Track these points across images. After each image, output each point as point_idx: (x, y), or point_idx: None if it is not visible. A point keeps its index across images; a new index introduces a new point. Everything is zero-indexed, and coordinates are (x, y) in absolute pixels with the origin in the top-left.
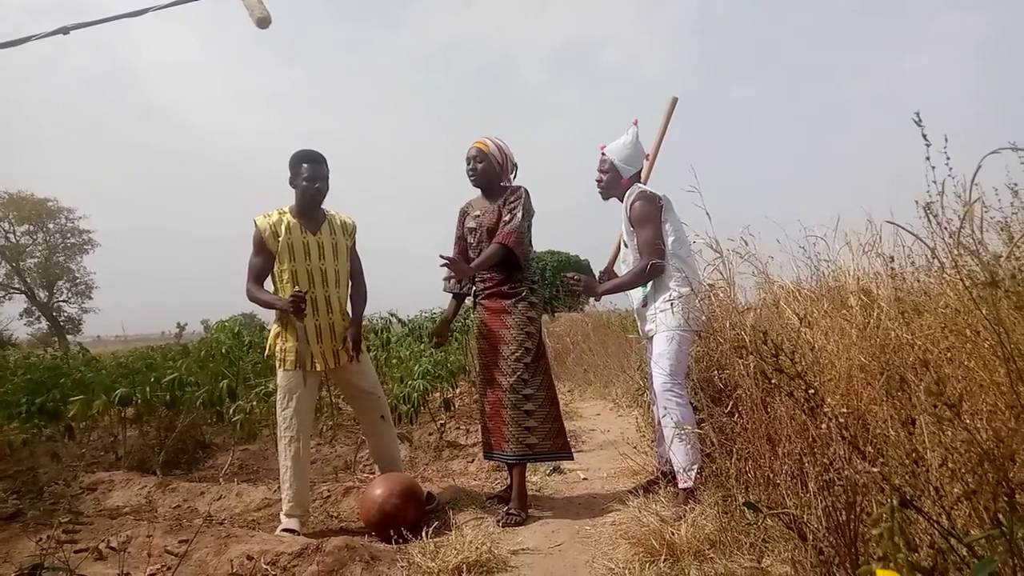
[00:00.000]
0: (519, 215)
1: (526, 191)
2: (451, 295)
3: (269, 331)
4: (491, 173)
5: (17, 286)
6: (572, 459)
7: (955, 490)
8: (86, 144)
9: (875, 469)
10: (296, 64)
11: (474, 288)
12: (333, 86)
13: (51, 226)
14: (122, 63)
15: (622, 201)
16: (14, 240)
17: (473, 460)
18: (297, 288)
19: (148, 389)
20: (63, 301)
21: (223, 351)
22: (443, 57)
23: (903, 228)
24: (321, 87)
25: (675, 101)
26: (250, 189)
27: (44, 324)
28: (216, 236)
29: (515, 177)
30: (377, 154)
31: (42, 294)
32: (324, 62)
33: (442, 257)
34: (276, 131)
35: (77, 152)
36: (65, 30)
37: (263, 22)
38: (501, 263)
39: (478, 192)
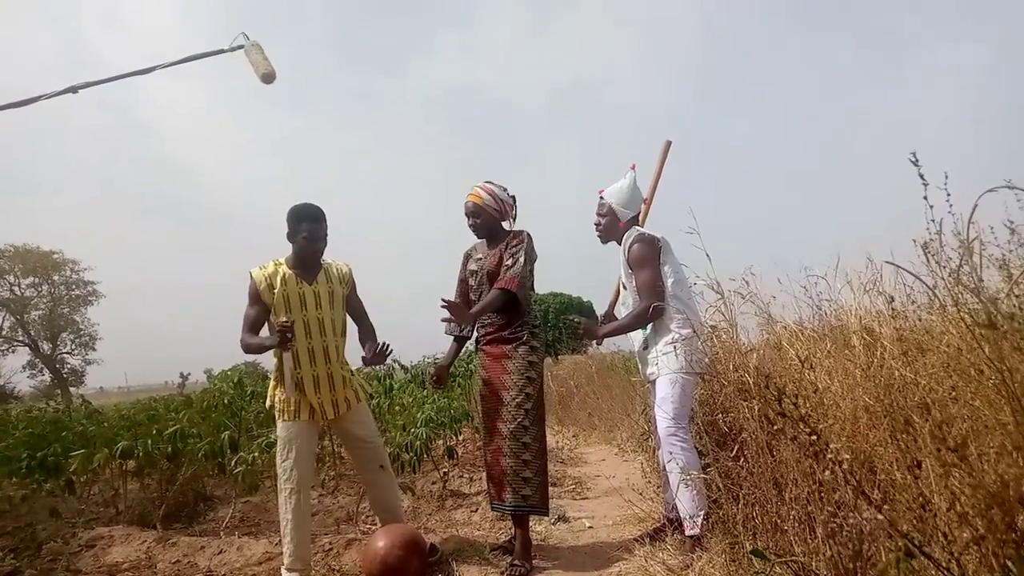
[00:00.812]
0: (521, 259)
1: (528, 235)
2: (452, 337)
3: (270, 382)
4: (490, 222)
5: (21, 338)
6: (547, 515)
7: (964, 535)
8: (93, 197)
9: (881, 516)
10: (298, 113)
11: (475, 333)
12: (335, 133)
13: (56, 278)
14: (129, 116)
15: (620, 244)
16: (19, 292)
17: (477, 509)
18: (283, 319)
19: (150, 441)
20: (66, 353)
21: (225, 401)
22: (445, 102)
23: (902, 268)
24: (323, 134)
25: (668, 145)
26: (252, 239)
27: (47, 376)
28: (218, 286)
29: (516, 215)
30: (377, 199)
31: (46, 346)
32: (326, 110)
33: (443, 301)
34: (278, 178)
35: (84, 205)
36: (74, 89)
37: (268, 77)
38: (502, 307)
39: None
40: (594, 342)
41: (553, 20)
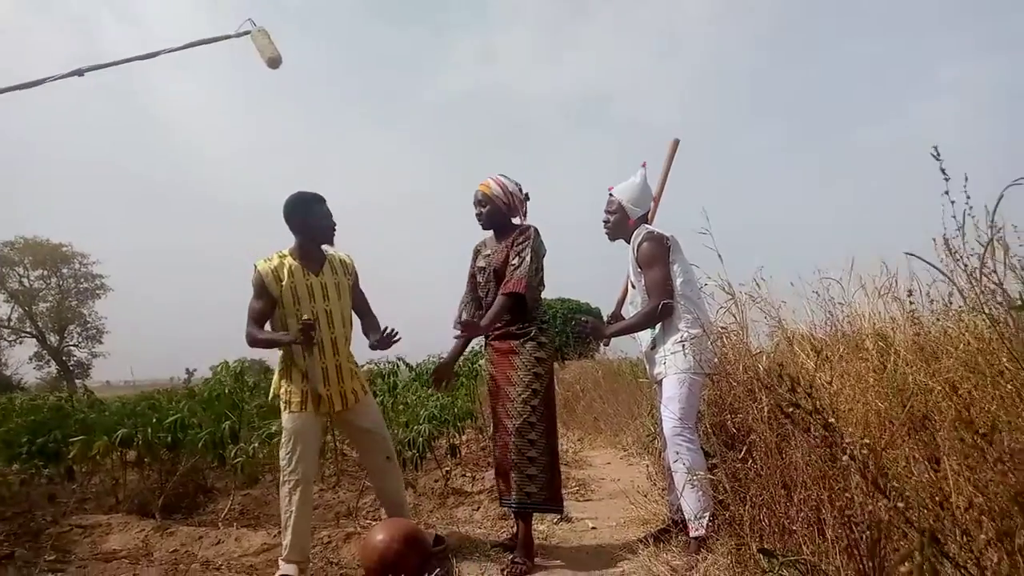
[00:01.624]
0: (527, 258)
1: (535, 230)
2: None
3: (274, 373)
4: (497, 215)
5: (28, 330)
6: (561, 513)
7: (982, 536)
8: (104, 189)
9: (900, 504)
10: (314, 112)
11: None
12: (350, 135)
13: (65, 271)
14: (139, 107)
15: (629, 242)
16: (28, 284)
17: (478, 508)
18: (306, 317)
19: (150, 430)
20: (73, 345)
21: (226, 391)
22: (459, 108)
23: (923, 260)
24: (338, 135)
25: (676, 143)
26: (264, 234)
27: (54, 368)
28: (230, 281)
29: (526, 211)
30: (391, 199)
31: (53, 338)
32: (340, 111)
33: (457, 323)
34: (291, 176)
35: (94, 196)
36: (80, 72)
37: (273, 62)
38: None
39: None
40: (601, 344)
41: (567, 34)
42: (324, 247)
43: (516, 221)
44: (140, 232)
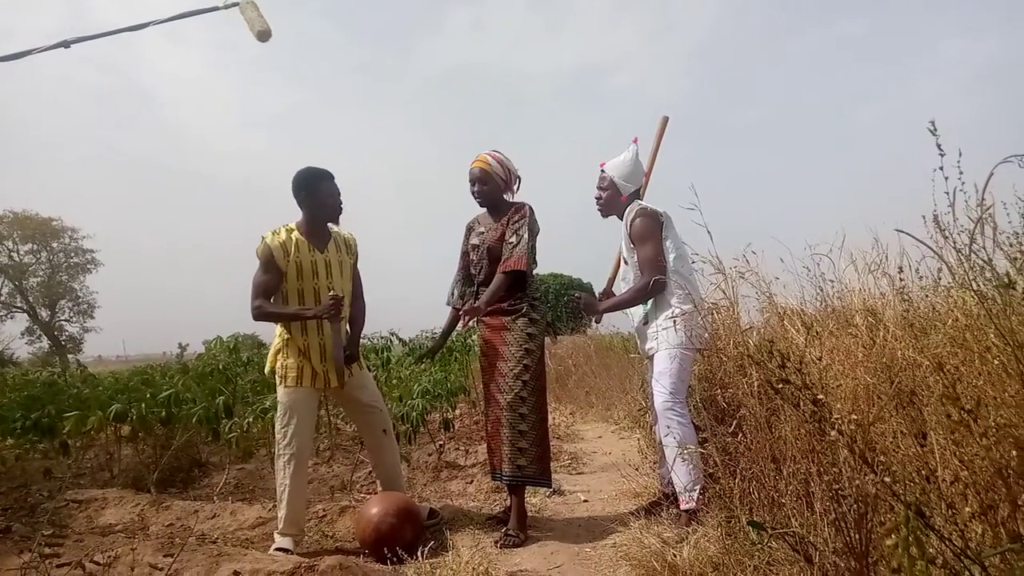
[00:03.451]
0: (524, 236)
1: (530, 209)
2: (452, 308)
3: (268, 348)
4: (495, 191)
5: (19, 305)
6: (550, 487)
7: (967, 509)
8: (93, 162)
9: (887, 479)
10: (302, 87)
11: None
12: (340, 109)
13: (55, 245)
14: (131, 83)
15: (621, 218)
16: (17, 259)
17: (472, 481)
18: (332, 292)
19: (144, 405)
20: (65, 320)
21: (220, 367)
22: (452, 80)
23: (912, 237)
24: (327, 110)
25: (666, 120)
26: (254, 208)
27: (45, 343)
28: (219, 256)
29: (518, 189)
30: (382, 176)
31: (44, 313)
32: (328, 87)
33: (460, 310)
34: (281, 151)
35: (84, 171)
36: (66, 44)
37: (263, 35)
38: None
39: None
40: (593, 320)
41: (562, 6)
42: (329, 224)
43: (508, 197)
44: (130, 203)
